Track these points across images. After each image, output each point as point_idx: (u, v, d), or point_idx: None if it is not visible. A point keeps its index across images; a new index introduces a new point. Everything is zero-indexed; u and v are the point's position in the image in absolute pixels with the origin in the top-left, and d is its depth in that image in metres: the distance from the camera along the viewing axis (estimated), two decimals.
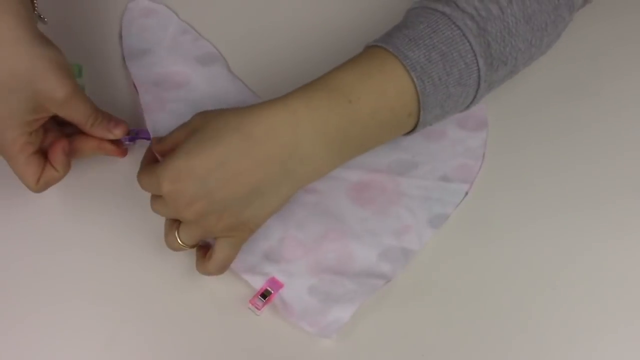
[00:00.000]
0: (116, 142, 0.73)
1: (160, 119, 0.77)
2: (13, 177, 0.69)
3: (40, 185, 0.69)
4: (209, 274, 0.69)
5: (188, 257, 0.71)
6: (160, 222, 0.70)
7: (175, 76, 0.81)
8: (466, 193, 0.76)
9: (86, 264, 0.71)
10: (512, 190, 0.76)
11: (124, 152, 0.75)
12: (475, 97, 0.69)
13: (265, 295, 0.69)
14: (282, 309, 0.69)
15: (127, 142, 0.75)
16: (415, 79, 0.65)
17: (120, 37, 0.83)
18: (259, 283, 0.70)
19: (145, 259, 0.72)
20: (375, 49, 0.67)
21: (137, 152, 0.75)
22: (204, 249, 0.70)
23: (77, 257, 0.71)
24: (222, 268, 0.69)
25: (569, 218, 0.75)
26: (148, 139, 0.75)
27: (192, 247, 0.69)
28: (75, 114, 0.69)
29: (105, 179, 0.76)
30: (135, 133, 0.75)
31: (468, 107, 0.71)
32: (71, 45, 0.79)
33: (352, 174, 0.76)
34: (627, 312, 0.71)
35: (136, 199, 0.71)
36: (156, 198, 0.68)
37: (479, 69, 0.67)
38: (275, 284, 0.70)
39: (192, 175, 0.63)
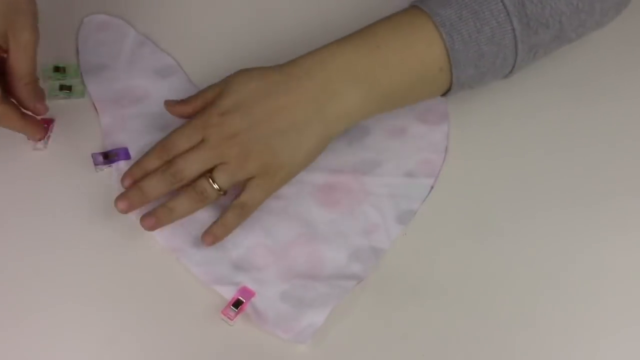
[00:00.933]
0: (36, 123, 0.74)
1: (120, 140, 0.77)
2: (12, 178, 0.73)
3: None
4: (229, 224, 0.70)
5: (159, 267, 0.71)
6: (139, 228, 0.71)
7: (134, 90, 0.81)
8: (432, 187, 0.76)
9: (83, 264, 0.71)
10: (481, 181, 0.77)
11: (43, 132, 0.75)
12: (515, 60, 0.71)
13: (237, 304, 0.69)
14: (255, 318, 0.69)
15: (107, 166, 0.76)
16: (444, 35, 0.68)
17: (77, 53, 0.83)
18: (230, 293, 0.69)
19: (119, 271, 0.71)
20: (409, 8, 0.73)
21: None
22: None
23: (76, 258, 0.71)
24: (247, 212, 0.71)
25: (564, 216, 0.75)
26: (127, 159, 0.76)
27: (225, 192, 0.70)
28: (26, 62, 0.71)
29: (105, 178, 0.75)
30: (115, 155, 0.76)
31: (511, 72, 0.72)
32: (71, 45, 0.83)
33: (317, 177, 0.76)
34: (624, 313, 0.71)
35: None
36: (189, 151, 0.70)
37: (513, 29, 0.69)
38: (247, 293, 0.69)
39: (240, 107, 0.70)
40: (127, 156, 0.76)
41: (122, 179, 0.71)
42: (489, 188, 0.76)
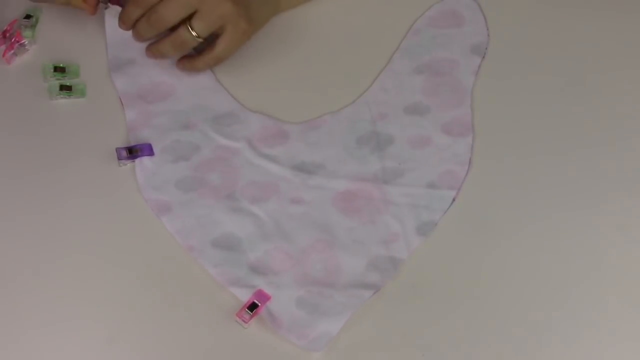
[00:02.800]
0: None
1: (144, 136, 0.78)
2: (13, 178, 0.74)
3: None
4: (198, 68, 0.80)
5: (171, 268, 0.71)
6: (158, 226, 0.72)
7: (160, 87, 0.82)
8: (453, 199, 0.75)
9: (100, 261, 0.71)
10: (504, 194, 0.76)
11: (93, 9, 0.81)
12: None
13: (252, 307, 0.69)
14: (269, 322, 0.69)
15: (130, 161, 0.76)
16: None
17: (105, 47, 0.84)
18: (245, 295, 0.69)
19: (135, 269, 0.71)
20: None
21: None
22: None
23: (93, 254, 0.72)
24: (217, 61, 0.80)
25: (563, 219, 0.75)
26: (151, 155, 0.76)
27: (202, 38, 0.77)
28: None
29: (107, 178, 0.76)
30: (139, 150, 0.76)
31: None
32: (71, 45, 0.83)
33: (338, 184, 0.76)
34: (622, 316, 0.70)
35: (135, 199, 0.72)
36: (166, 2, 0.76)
37: None
38: (263, 296, 0.69)
39: None
40: (150, 152, 0.76)
41: (119, 25, 0.79)
42: (511, 202, 0.76)
